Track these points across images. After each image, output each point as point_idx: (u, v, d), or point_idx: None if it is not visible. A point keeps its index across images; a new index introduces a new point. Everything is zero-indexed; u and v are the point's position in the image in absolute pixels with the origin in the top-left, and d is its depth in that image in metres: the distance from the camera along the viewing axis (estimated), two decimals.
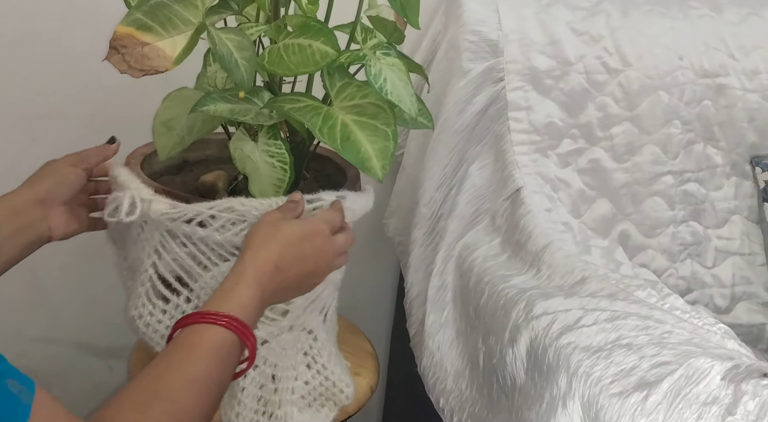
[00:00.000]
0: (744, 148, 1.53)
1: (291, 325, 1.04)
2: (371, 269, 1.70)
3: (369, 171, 0.91)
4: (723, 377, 0.84)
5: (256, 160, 0.98)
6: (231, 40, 0.91)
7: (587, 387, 0.88)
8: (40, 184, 0.97)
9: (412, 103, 0.95)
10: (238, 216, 0.94)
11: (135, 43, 0.86)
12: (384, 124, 0.94)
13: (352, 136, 0.92)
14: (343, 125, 0.93)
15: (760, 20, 1.55)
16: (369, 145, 0.92)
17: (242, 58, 0.91)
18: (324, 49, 0.94)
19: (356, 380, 1.21)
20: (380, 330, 1.73)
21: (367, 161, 0.91)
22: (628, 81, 1.44)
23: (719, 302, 1.51)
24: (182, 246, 0.98)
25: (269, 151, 0.98)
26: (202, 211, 0.94)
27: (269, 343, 1.04)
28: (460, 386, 1.19)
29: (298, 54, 0.94)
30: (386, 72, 0.94)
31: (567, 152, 1.41)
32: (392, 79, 0.94)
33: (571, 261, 1.15)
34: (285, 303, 1.01)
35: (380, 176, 0.91)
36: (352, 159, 0.91)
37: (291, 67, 0.94)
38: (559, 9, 1.43)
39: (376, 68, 0.93)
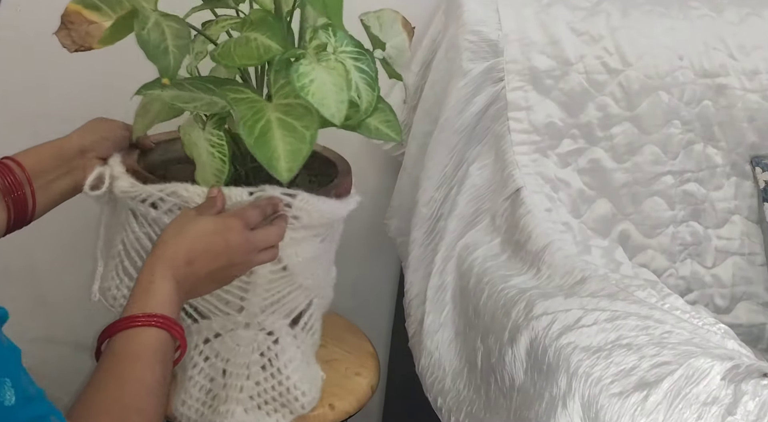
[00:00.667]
0: (744, 148, 1.53)
1: (247, 323, 1.05)
2: (371, 269, 1.70)
3: (275, 170, 0.90)
4: (723, 377, 0.84)
5: (201, 148, 0.99)
6: (170, 27, 0.92)
7: (587, 387, 0.88)
8: (87, 136, 1.04)
9: (339, 110, 0.89)
10: (183, 202, 0.98)
11: (82, 20, 0.89)
12: (304, 126, 0.91)
13: (269, 133, 0.91)
14: (267, 122, 0.92)
15: (760, 20, 1.55)
16: (282, 145, 0.90)
17: (174, 46, 0.92)
18: (267, 43, 0.93)
19: (357, 380, 1.21)
20: (380, 330, 1.73)
21: (275, 161, 0.90)
22: (628, 81, 1.44)
23: (719, 302, 1.51)
24: (141, 226, 1.02)
25: (211, 141, 0.99)
26: (152, 192, 0.98)
27: (222, 337, 1.05)
28: (457, 386, 1.19)
29: (244, 46, 0.94)
30: (318, 73, 0.90)
31: (567, 152, 1.41)
32: (323, 82, 0.90)
33: (571, 261, 1.15)
34: (240, 300, 1.03)
35: (285, 177, 0.89)
36: (261, 157, 0.90)
37: (235, 59, 0.94)
38: (559, 9, 1.43)
39: (307, 68, 0.90)
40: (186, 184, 0.98)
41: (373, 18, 1.08)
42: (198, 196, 0.98)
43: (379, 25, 1.08)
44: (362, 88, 0.95)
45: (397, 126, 1.04)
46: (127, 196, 1.00)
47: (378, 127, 1.02)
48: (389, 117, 1.03)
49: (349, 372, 1.22)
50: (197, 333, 1.07)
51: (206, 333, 1.07)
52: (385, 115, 1.03)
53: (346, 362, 1.25)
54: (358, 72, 0.95)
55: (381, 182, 1.60)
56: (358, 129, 1.00)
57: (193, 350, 1.06)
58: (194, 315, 1.06)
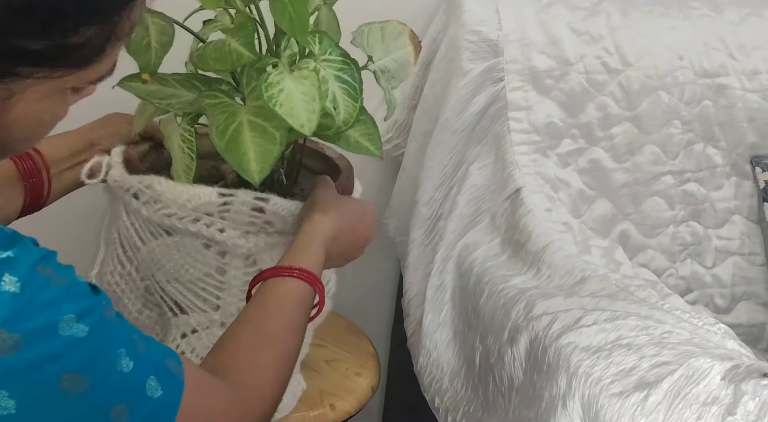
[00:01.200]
0: (744, 148, 1.53)
1: (223, 322, 1.06)
2: (371, 269, 1.70)
3: (246, 173, 0.90)
4: (723, 377, 0.84)
5: (174, 142, 1.00)
6: (155, 24, 0.95)
7: (587, 387, 0.88)
8: (97, 131, 1.07)
9: (309, 120, 0.88)
10: (157, 195, 0.99)
11: None
12: (274, 127, 0.91)
13: (240, 136, 0.91)
14: (239, 125, 0.92)
15: (760, 20, 1.55)
16: (252, 147, 0.91)
17: (157, 43, 0.94)
18: (240, 50, 0.94)
19: (357, 380, 1.21)
20: (380, 330, 1.73)
21: (245, 163, 0.90)
22: (628, 81, 1.44)
23: (719, 302, 1.51)
24: (128, 216, 1.04)
25: (183, 136, 0.99)
26: (133, 183, 1.00)
27: (198, 333, 1.06)
28: (455, 385, 1.19)
29: (218, 51, 0.95)
30: (288, 84, 0.89)
31: (567, 152, 1.41)
32: (291, 93, 0.89)
33: (571, 261, 1.15)
34: (215, 298, 1.05)
35: (256, 179, 0.90)
36: (232, 160, 0.91)
37: (209, 63, 0.95)
38: (559, 9, 1.43)
39: (276, 78, 0.89)
40: (160, 178, 0.99)
41: (376, 28, 1.05)
42: (169, 190, 0.98)
43: (381, 37, 1.06)
44: (341, 98, 0.93)
45: (378, 140, 1.01)
46: (117, 185, 1.02)
47: (358, 140, 1.00)
48: (371, 130, 1.00)
49: (350, 373, 1.23)
50: (176, 327, 1.07)
51: (183, 328, 1.07)
52: (367, 128, 1.00)
53: (346, 362, 1.25)
54: (338, 82, 0.93)
55: (380, 182, 1.60)
56: (336, 141, 0.98)
57: (170, 343, 1.07)
58: (174, 309, 1.07)
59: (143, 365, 0.66)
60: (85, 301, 0.62)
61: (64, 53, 0.60)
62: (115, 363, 0.63)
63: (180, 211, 0.99)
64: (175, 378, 0.69)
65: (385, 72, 1.06)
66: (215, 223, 1.00)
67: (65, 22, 0.59)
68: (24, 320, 0.57)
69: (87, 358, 0.61)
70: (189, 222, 0.99)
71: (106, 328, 0.63)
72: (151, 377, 0.66)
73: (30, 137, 0.66)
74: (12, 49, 0.58)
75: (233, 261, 1.03)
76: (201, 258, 1.03)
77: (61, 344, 0.59)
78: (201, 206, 0.98)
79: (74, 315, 0.60)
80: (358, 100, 0.94)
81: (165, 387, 0.67)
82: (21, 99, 0.61)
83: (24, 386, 0.57)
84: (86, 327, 0.60)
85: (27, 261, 0.59)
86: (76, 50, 0.61)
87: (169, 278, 1.05)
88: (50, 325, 0.59)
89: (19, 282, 0.58)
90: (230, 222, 1.00)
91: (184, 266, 1.04)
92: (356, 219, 1.00)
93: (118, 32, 0.63)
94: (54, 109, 0.65)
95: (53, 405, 0.59)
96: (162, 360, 0.69)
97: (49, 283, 0.60)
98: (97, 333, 0.61)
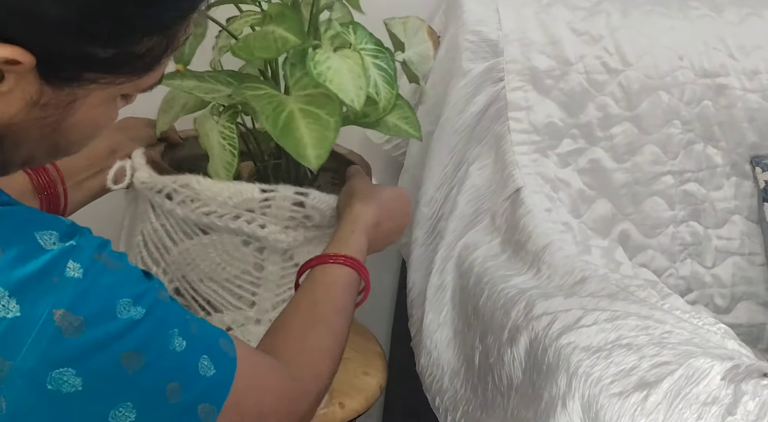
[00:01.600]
0: (744, 148, 1.53)
1: (258, 319, 1.06)
2: (372, 269, 1.70)
3: (303, 159, 0.91)
4: (723, 377, 0.84)
5: (213, 140, 1.00)
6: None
7: (587, 387, 0.88)
8: (116, 136, 1.07)
9: (358, 96, 0.91)
10: (194, 194, 0.99)
11: None
12: (328, 114, 0.93)
13: (293, 123, 0.92)
14: (290, 113, 0.92)
15: (760, 20, 1.55)
16: (308, 133, 0.92)
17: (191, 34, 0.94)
18: (285, 35, 0.94)
19: (365, 380, 1.22)
20: (381, 330, 1.73)
21: (302, 149, 0.91)
22: (628, 81, 1.44)
23: (719, 302, 1.51)
24: (158, 218, 1.03)
25: (223, 133, 0.99)
26: (167, 183, 1.00)
27: (233, 331, 1.06)
28: (455, 385, 1.19)
29: (261, 39, 0.95)
30: (335, 61, 0.92)
31: (567, 152, 1.41)
32: (340, 69, 0.91)
33: (571, 261, 1.15)
34: (251, 295, 1.05)
35: (314, 165, 0.92)
36: (288, 146, 0.91)
37: (253, 52, 0.96)
38: (559, 9, 1.43)
39: (322, 56, 0.91)
40: (198, 176, 0.99)
41: (398, 24, 1.08)
42: (209, 189, 0.98)
43: (404, 31, 1.08)
44: (381, 84, 0.96)
45: (416, 122, 1.05)
46: (146, 187, 1.01)
47: (396, 124, 1.02)
48: (407, 114, 1.04)
49: (358, 372, 1.24)
50: None
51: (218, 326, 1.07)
52: (404, 111, 1.03)
53: (354, 361, 1.26)
54: (377, 69, 0.96)
55: (382, 182, 1.60)
56: (376, 126, 1.01)
57: None
58: (207, 308, 1.07)
59: (196, 344, 0.68)
60: (140, 285, 0.66)
61: (129, 61, 0.64)
62: (169, 342, 0.66)
63: (220, 209, 0.99)
64: (228, 357, 0.71)
65: (410, 64, 1.09)
66: (256, 219, 1.00)
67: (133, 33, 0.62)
68: (86, 304, 0.61)
69: (143, 337, 0.64)
70: (229, 220, 1.00)
71: (160, 309, 0.66)
72: (203, 356, 0.68)
73: (85, 140, 0.69)
74: (83, 55, 0.61)
75: (271, 256, 1.03)
76: (239, 256, 1.03)
77: (120, 325, 0.62)
78: (243, 202, 0.99)
79: (131, 299, 0.64)
80: (394, 87, 0.97)
81: (218, 366, 0.69)
82: (83, 104, 0.65)
83: (88, 364, 0.61)
84: (143, 309, 0.64)
85: (88, 249, 0.63)
86: (139, 59, 0.64)
87: (203, 277, 1.05)
88: (109, 308, 0.62)
89: (82, 269, 0.62)
90: (271, 217, 1.00)
91: (220, 264, 1.04)
92: (394, 205, 1.04)
93: (174, 43, 0.66)
94: (109, 114, 0.69)
95: (114, 382, 0.63)
96: (215, 341, 0.71)
97: (107, 269, 0.64)
98: (152, 314, 0.65)
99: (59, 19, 0.59)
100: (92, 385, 0.61)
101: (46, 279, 0.60)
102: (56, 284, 0.60)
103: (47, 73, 0.61)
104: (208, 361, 0.69)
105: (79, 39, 0.60)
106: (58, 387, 0.60)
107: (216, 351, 0.71)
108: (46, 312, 0.59)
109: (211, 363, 0.69)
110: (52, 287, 0.60)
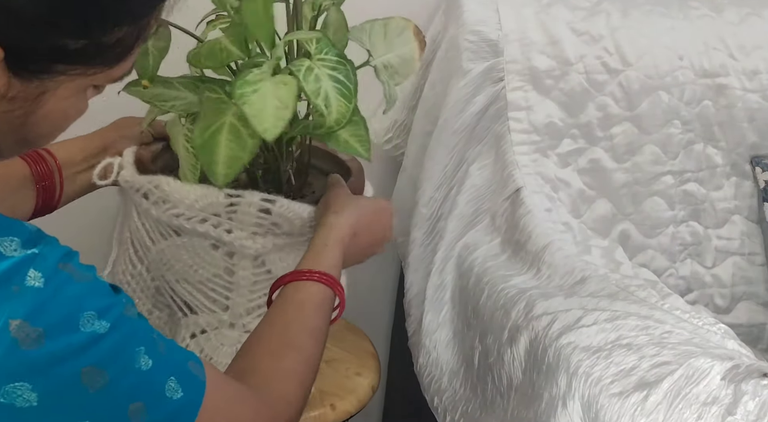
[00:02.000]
0: (744, 148, 1.53)
1: (232, 322, 1.06)
2: (371, 269, 1.70)
3: (213, 175, 0.92)
4: (723, 377, 0.84)
5: (179, 143, 1.01)
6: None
7: (587, 387, 0.88)
8: (108, 134, 1.07)
9: (274, 126, 0.87)
10: (165, 195, 0.99)
11: None
12: (249, 134, 0.92)
13: (217, 137, 0.92)
14: (220, 125, 0.92)
15: (760, 20, 1.55)
16: (224, 151, 0.92)
17: (154, 48, 0.96)
18: (229, 47, 0.95)
19: (357, 380, 1.21)
20: (380, 330, 1.73)
21: (214, 165, 0.91)
22: (628, 81, 1.44)
23: (719, 302, 1.51)
24: (138, 216, 1.04)
25: (187, 137, 1.00)
26: (143, 183, 1.01)
27: (208, 334, 1.06)
28: (454, 385, 1.19)
29: (210, 49, 0.96)
30: (265, 85, 0.88)
31: (567, 152, 1.41)
32: (265, 95, 0.88)
33: (571, 261, 1.15)
34: (225, 299, 1.05)
35: (221, 182, 0.92)
36: (202, 160, 0.93)
37: (201, 61, 0.96)
38: (559, 9, 1.43)
39: (255, 77, 0.89)
40: (169, 178, 1.00)
41: (379, 25, 1.05)
42: (177, 191, 0.99)
43: (383, 33, 1.06)
44: (333, 97, 0.92)
45: (367, 142, 1.00)
46: (128, 185, 1.02)
47: (347, 141, 0.98)
48: (361, 132, 0.99)
49: (350, 372, 1.23)
50: (185, 327, 1.07)
51: (193, 328, 1.07)
52: (357, 129, 0.99)
53: (346, 362, 1.25)
54: (332, 81, 0.92)
55: (381, 182, 1.60)
56: (327, 140, 0.98)
57: (180, 343, 1.07)
58: (184, 309, 1.07)
59: (163, 365, 0.66)
60: (106, 299, 0.63)
61: (100, 52, 0.63)
62: (134, 359, 0.64)
63: (188, 212, 1.00)
64: (198, 380, 0.69)
65: (387, 67, 1.06)
66: (223, 224, 1.00)
67: (104, 23, 0.61)
68: (46, 315, 0.59)
69: (106, 353, 0.61)
70: (197, 223, 1.00)
71: (126, 325, 0.64)
72: (171, 377, 0.66)
73: (54, 132, 0.68)
74: (52, 47, 0.60)
75: (241, 262, 1.03)
76: (209, 259, 1.03)
77: (82, 339, 0.60)
78: (208, 206, 0.99)
79: (95, 312, 0.61)
80: (351, 101, 0.93)
81: (186, 390, 0.67)
82: (53, 95, 0.64)
83: (46, 379, 0.59)
84: (107, 323, 0.61)
85: (51, 258, 0.61)
86: (110, 49, 0.63)
87: (179, 278, 1.05)
88: (72, 320, 0.60)
89: (43, 278, 0.59)
90: (237, 223, 1.00)
91: (193, 266, 1.04)
92: (371, 217, 1.00)
93: (145, 32, 0.66)
94: (79, 105, 0.68)
95: (73, 399, 0.60)
96: (184, 362, 0.69)
97: (72, 280, 0.61)
98: (117, 329, 0.62)
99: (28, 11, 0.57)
100: (49, 401, 0.59)
101: (3, 287, 0.58)
102: (15, 293, 0.58)
103: (16, 66, 0.60)
104: (176, 383, 0.67)
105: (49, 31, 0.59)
106: (12, 401, 0.58)
107: (184, 373, 0.68)
108: (1, 322, 0.57)
109: (179, 385, 0.67)
110: (10, 296, 0.58)
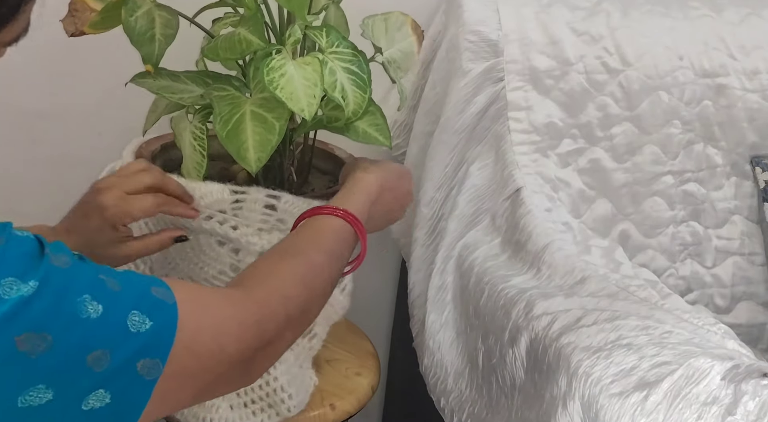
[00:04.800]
0: (744, 148, 1.53)
1: None
2: (372, 269, 1.70)
3: (244, 161, 0.92)
4: (723, 377, 0.84)
5: (185, 140, 1.01)
6: (161, 17, 0.97)
7: (587, 387, 0.88)
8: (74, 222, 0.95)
9: (309, 105, 0.89)
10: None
11: (85, 8, 0.95)
12: (275, 117, 0.93)
13: (241, 125, 0.92)
14: (242, 115, 0.93)
15: (760, 20, 1.55)
16: (252, 136, 0.92)
17: (162, 35, 0.97)
18: (249, 38, 0.95)
19: (357, 380, 1.21)
20: (381, 331, 1.73)
21: (244, 151, 0.92)
22: (628, 81, 1.44)
23: (719, 302, 1.51)
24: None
25: (194, 134, 1.00)
26: None
27: None
28: (459, 386, 1.19)
29: (228, 41, 0.96)
30: (290, 68, 0.90)
31: (567, 152, 1.41)
32: (293, 77, 0.90)
33: (571, 261, 1.15)
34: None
35: (253, 168, 0.92)
36: (231, 148, 0.92)
37: (219, 53, 0.97)
38: (559, 9, 1.43)
39: (278, 62, 0.90)
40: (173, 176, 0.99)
41: (379, 20, 1.06)
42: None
43: (384, 28, 1.07)
44: (349, 89, 0.94)
45: (387, 130, 1.02)
46: None
47: (366, 131, 1.01)
48: (379, 121, 1.01)
49: (350, 372, 1.23)
50: None
51: None
52: (375, 118, 1.01)
53: (346, 362, 1.25)
54: (346, 73, 0.94)
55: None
56: (345, 131, 0.99)
57: None
58: None
59: (119, 303, 0.62)
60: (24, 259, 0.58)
61: None
62: (78, 310, 0.59)
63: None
64: (165, 304, 0.65)
65: (391, 62, 1.08)
66: (228, 221, 1.00)
67: None
68: None
69: (41, 314, 0.57)
70: (202, 220, 0.99)
71: (57, 278, 0.59)
72: (133, 312, 0.62)
73: None
74: None
75: (247, 258, 1.03)
76: (214, 256, 1.03)
77: (7, 308, 0.55)
78: (214, 203, 0.98)
79: (15, 278, 0.56)
80: (366, 91, 0.95)
81: (154, 317, 0.63)
82: None
83: None
84: (35, 282, 0.57)
85: None
86: None
87: (184, 276, 1.05)
88: None
89: None
90: (243, 219, 1.00)
91: (198, 264, 1.04)
92: (396, 180, 1.02)
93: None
94: None
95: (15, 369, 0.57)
96: (145, 291, 0.65)
97: None
98: (47, 285, 0.58)
99: None
100: None
101: None
102: None
103: None
104: (140, 315, 0.63)
105: None
106: None
107: (148, 302, 0.64)
108: None
109: (144, 315, 0.63)
110: None
